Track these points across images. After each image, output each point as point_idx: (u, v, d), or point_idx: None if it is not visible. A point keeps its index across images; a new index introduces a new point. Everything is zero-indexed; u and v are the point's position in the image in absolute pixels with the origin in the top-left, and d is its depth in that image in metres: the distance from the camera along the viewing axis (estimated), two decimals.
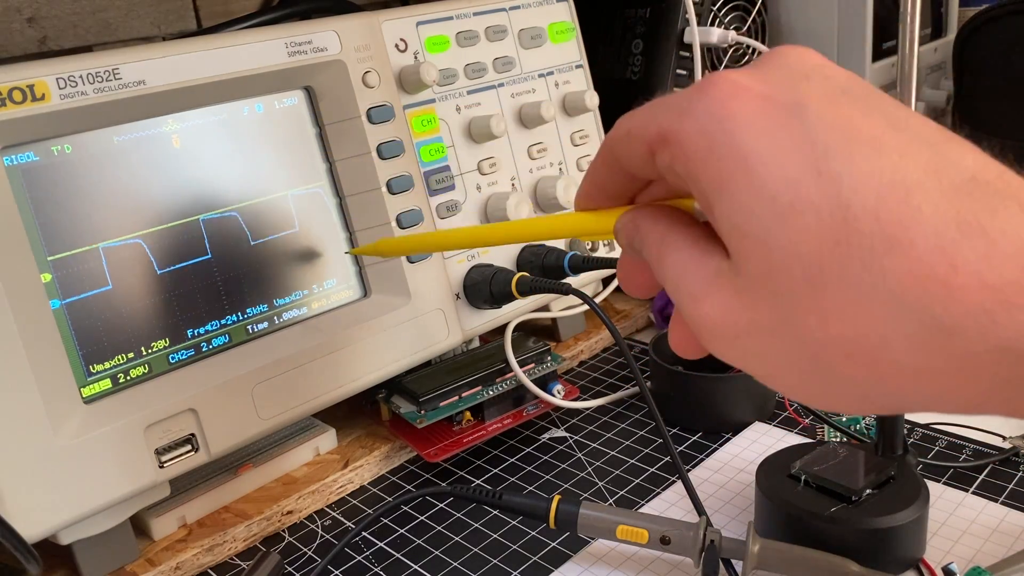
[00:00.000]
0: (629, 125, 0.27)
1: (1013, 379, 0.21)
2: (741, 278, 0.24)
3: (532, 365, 0.60)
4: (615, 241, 0.30)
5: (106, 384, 0.47)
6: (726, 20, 0.79)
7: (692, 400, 0.59)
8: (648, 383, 0.62)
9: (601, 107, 0.68)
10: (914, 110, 0.24)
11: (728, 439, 0.58)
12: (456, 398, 0.57)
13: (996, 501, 0.49)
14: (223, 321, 0.51)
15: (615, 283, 0.71)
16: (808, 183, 0.22)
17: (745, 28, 0.81)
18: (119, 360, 0.47)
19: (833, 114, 0.23)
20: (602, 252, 0.69)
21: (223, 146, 0.51)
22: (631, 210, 0.29)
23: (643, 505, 0.52)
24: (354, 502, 0.55)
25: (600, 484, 0.54)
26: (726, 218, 0.24)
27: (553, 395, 0.59)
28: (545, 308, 0.68)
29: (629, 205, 0.30)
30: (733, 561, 0.44)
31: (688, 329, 0.29)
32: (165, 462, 0.46)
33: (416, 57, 0.58)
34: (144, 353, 0.48)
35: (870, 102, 0.24)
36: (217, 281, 0.51)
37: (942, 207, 0.21)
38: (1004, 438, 0.55)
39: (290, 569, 0.49)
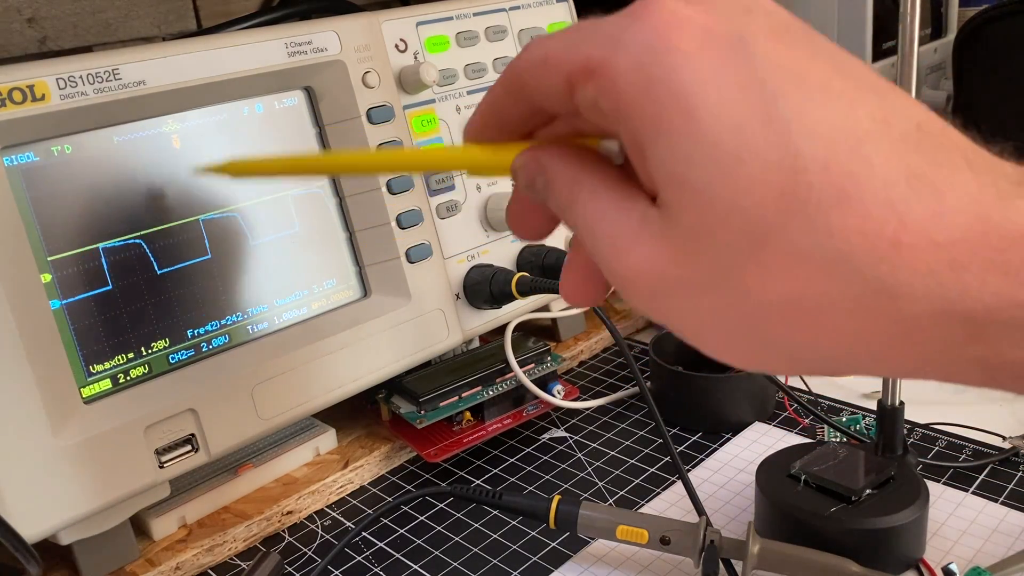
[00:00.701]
0: (546, 51, 0.24)
1: (953, 344, 0.20)
2: (674, 229, 0.22)
3: (532, 365, 0.60)
4: (512, 180, 0.27)
5: (106, 384, 0.47)
6: None
7: (692, 400, 0.59)
8: (648, 383, 0.62)
9: None
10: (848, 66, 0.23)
11: (728, 439, 0.58)
12: (456, 398, 0.57)
13: (996, 501, 0.49)
14: (223, 321, 0.51)
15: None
16: (755, 129, 0.20)
17: None
18: (119, 360, 0.47)
19: (780, 53, 0.21)
20: None
21: (223, 146, 0.51)
22: (534, 147, 0.26)
23: (643, 505, 0.52)
24: (354, 502, 0.55)
25: (600, 484, 0.54)
26: (661, 164, 0.21)
27: (553, 395, 0.59)
28: (545, 308, 0.68)
29: (526, 141, 0.27)
30: (733, 561, 0.44)
31: (584, 273, 0.27)
32: (165, 462, 0.46)
33: (416, 57, 0.58)
34: (144, 353, 0.48)
35: (815, 43, 0.22)
36: (217, 281, 0.51)
37: (892, 159, 0.20)
38: (1004, 438, 0.55)
39: (290, 569, 0.49)
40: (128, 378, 0.47)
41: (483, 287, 0.59)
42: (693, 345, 0.24)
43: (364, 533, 0.51)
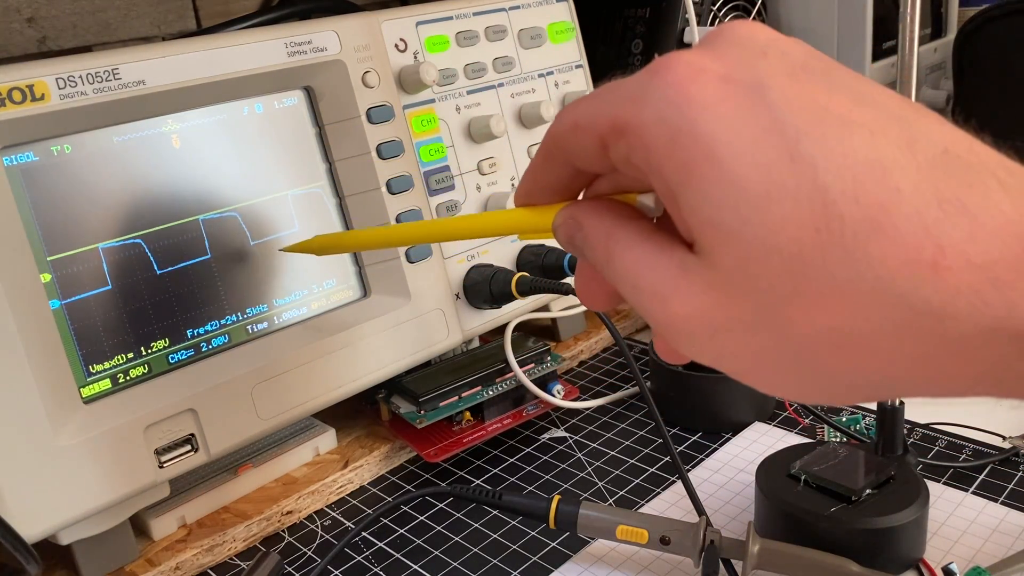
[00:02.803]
0: (575, 117, 0.25)
1: (1003, 360, 0.20)
2: (714, 272, 0.22)
3: (532, 365, 0.59)
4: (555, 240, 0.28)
5: (106, 384, 0.47)
6: (726, 20, 0.79)
7: (692, 400, 0.59)
8: (648, 383, 0.62)
9: None
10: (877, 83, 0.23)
11: (728, 439, 0.58)
12: (456, 398, 0.57)
13: (996, 501, 0.49)
14: (223, 321, 0.51)
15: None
16: (782, 169, 0.21)
17: None
18: (119, 360, 0.47)
19: (797, 93, 0.21)
20: None
21: (223, 146, 0.51)
22: (570, 205, 0.27)
23: (643, 505, 0.52)
24: (354, 502, 0.55)
25: (600, 484, 0.54)
26: (695, 211, 0.22)
27: (553, 395, 0.59)
28: (545, 308, 0.68)
29: (568, 201, 0.28)
30: (733, 561, 0.44)
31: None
32: (165, 462, 0.46)
33: (416, 57, 0.58)
34: (144, 353, 0.48)
35: (832, 77, 0.22)
36: (217, 281, 0.51)
37: (921, 185, 0.20)
38: (1004, 438, 0.54)
39: (290, 569, 0.49)
40: (128, 378, 0.47)
41: (483, 287, 0.59)
42: (749, 385, 0.24)
43: (364, 533, 0.51)
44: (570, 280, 0.61)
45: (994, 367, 0.21)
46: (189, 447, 0.47)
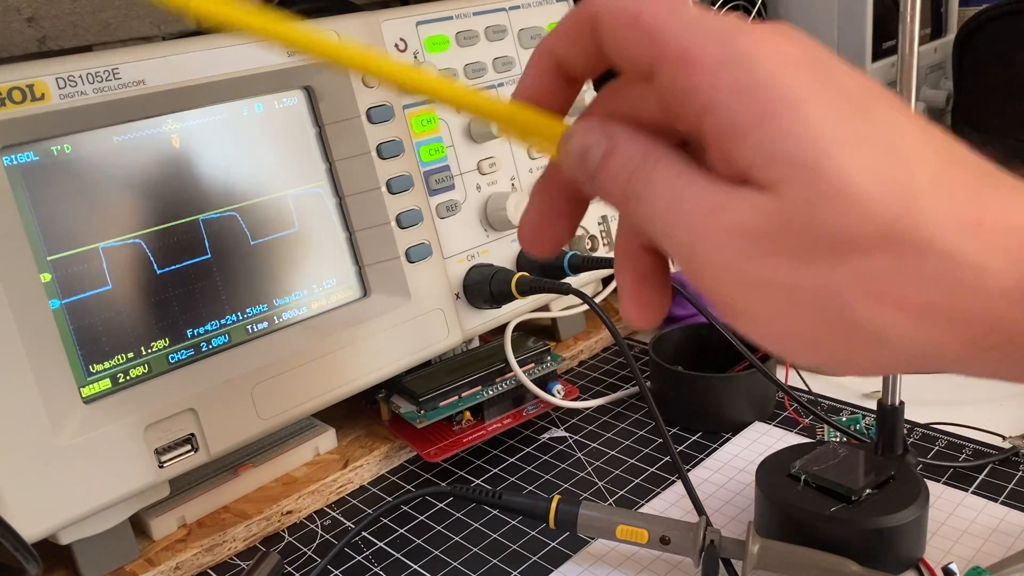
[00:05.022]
0: (640, 11, 0.24)
1: (1013, 325, 0.22)
2: (778, 201, 0.22)
3: (532, 365, 0.59)
4: (558, 153, 0.26)
5: (106, 384, 0.47)
6: None
7: (692, 400, 0.59)
8: (648, 383, 0.62)
9: None
10: (913, 111, 0.25)
11: (728, 439, 0.58)
12: (456, 398, 0.57)
13: (996, 501, 0.49)
14: (223, 321, 0.51)
15: (615, 283, 0.71)
16: (859, 124, 0.22)
17: None
18: (119, 360, 0.47)
19: (854, 77, 0.24)
20: (602, 252, 0.69)
21: (223, 146, 0.51)
22: (594, 117, 0.26)
23: (643, 505, 0.52)
24: (354, 502, 0.55)
25: (600, 484, 0.54)
26: (767, 145, 0.22)
27: (553, 395, 0.59)
28: (545, 308, 0.68)
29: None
30: (733, 561, 0.44)
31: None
32: (165, 462, 0.46)
33: (416, 57, 0.58)
34: (144, 353, 0.48)
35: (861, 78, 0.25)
36: (217, 281, 0.51)
37: (968, 162, 0.23)
38: (1004, 438, 0.54)
39: (290, 569, 0.49)
40: (128, 378, 0.47)
41: (483, 287, 0.59)
42: (754, 333, 0.24)
43: (364, 533, 0.51)
44: (570, 280, 0.61)
45: (1018, 326, 0.22)
46: (189, 447, 0.47)
